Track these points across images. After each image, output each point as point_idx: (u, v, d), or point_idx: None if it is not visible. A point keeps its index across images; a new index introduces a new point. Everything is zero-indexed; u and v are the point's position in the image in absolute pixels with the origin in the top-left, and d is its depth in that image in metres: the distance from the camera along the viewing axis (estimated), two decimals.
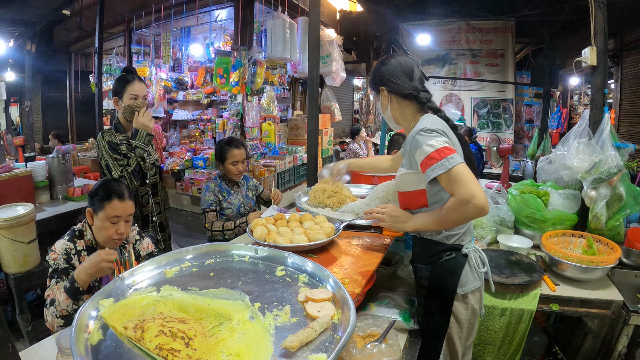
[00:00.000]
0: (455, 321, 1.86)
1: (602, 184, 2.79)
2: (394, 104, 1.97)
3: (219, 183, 3.30)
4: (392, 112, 2.01)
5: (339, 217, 2.22)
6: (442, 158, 1.62)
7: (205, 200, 3.19)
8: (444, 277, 1.83)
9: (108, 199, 2.10)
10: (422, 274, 1.89)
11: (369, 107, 15.23)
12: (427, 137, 1.68)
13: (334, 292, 1.33)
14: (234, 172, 3.24)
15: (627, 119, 7.96)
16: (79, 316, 1.14)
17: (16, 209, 3.03)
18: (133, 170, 2.82)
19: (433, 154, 1.64)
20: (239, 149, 3.24)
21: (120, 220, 2.14)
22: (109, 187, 2.16)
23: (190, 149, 8.21)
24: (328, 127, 8.23)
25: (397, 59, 1.96)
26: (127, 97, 2.87)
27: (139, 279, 1.43)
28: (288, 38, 6.48)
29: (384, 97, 1.99)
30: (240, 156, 3.24)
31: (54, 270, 2.07)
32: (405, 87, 1.91)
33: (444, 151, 1.63)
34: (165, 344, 1.05)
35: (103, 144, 2.80)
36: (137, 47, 7.85)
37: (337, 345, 1.06)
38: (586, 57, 2.93)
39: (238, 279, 1.46)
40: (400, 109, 1.97)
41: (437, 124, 1.77)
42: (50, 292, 2.01)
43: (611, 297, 2.34)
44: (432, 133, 1.69)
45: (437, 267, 1.84)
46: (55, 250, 2.10)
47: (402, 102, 1.95)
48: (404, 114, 1.98)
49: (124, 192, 2.17)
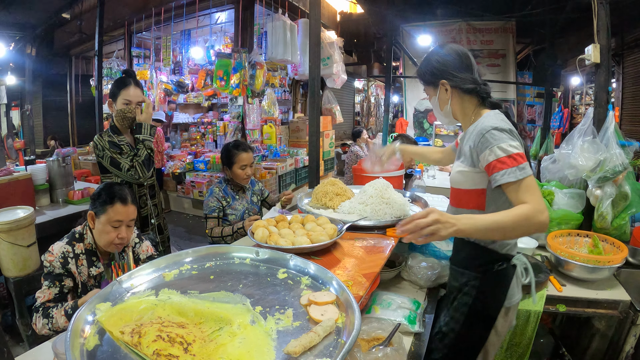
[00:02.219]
0: (495, 333, 1.79)
1: (607, 182, 2.76)
2: (455, 98, 1.83)
3: (224, 187, 3.22)
4: (452, 108, 1.86)
5: (342, 218, 2.19)
6: (514, 166, 1.52)
7: (208, 205, 3.13)
8: (493, 289, 1.76)
9: (110, 202, 2.07)
10: (469, 281, 1.80)
11: (369, 109, 15.25)
12: (500, 138, 1.57)
13: (338, 295, 1.30)
14: (242, 177, 3.16)
15: (630, 118, 7.95)
16: (75, 321, 1.11)
17: (16, 212, 3.01)
18: (143, 160, 2.82)
19: (505, 159, 1.54)
20: (247, 152, 3.17)
21: (122, 225, 2.11)
22: (112, 190, 2.13)
23: (191, 152, 8.20)
24: (329, 129, 8.22)
25: (454, 48, 1.82)
26: (120, 101, 2.87)
27: (137, 282, 1.40)
28: (289, 40, 6.48)
29: (444, 92, 1.83)
30: (249, 160, 3.17)
31: (49, 273, 2.05)
32: (467, 80, 1.77)
33: (517, 158, 1.53)
34: (163, 349, 1.02)
35: (102, 143, 2.79)
36: (137, 50, 7.87)
37: (342, 350, 1.02)
38: (589, 54, 2.91)
39: (239, 282, 1.42)
40: (460, 103, 1.84)
41: (508, 123, 1.66)
42: (42, 294, 2.00)
43: (618, 297, 2.30)
44: (505, 134, 1.58)
45: (488, 277, 1.75)
46: (53, 252, 2.07)
47: (463, 96, 1.81)
48: (464, 109, 1.84)
49: (127, 196, 2.14)
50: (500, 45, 8.21)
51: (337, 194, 2.50)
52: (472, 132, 1.71)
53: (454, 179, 1.84)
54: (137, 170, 2.79)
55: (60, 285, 2.04)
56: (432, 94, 1.90)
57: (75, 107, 10.10)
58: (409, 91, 9.50)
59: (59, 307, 1.95)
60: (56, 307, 1.96)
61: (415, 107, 9.39)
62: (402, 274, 2.42)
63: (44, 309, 1.95)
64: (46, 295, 1.99)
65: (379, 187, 2.35)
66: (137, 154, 2.80)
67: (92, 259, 2.16)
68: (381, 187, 2.35)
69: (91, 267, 2.14)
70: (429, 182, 4.92)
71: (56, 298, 2.02)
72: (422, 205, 2.51)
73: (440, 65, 1.80)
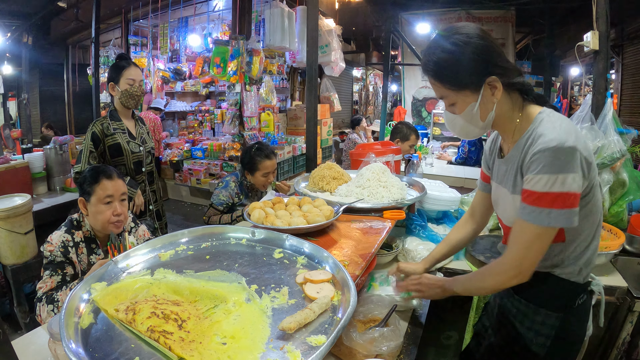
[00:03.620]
0: None
1: (605, 169, 2.75)
2: (502, 99, 1.35)
3: (239, 184, 3.11)
4: (497, 113, 1.37)
5: (339, 200, 2.18)
6: (549, 208, 1.21)
7: (219, 197, 3.03)
8: (574, 327, 1.46)
9: (96, 181, 2.06)
10: (546, 321, 1.44)
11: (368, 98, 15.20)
12: (560, 164, 1.18)
13: (334, 274, 1.30)
14: (264, 184, 3.06)
15: (628, 108, 7.96)
16: (70, 300, 1.11)
17: (13, 199, 3.01)
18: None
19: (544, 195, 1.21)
20: (271, 159, 3.02)
21: (113, 200, 2.08)
22: (95, 170, 2.12)
23: (189, 140, 8.19)
24: (327, 117, 8.20)
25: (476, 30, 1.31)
26: (124, 82, 2.86)
27: (133, 262, 1.40)
28: (287, 27, 6.43)
29: (489, 94, 1.32)
30: (272, 167, 3.04)
31: (50, 262, 2.00)
32: (515, 70, 1.34)
33: (558, 200, 1.20)
34: (157, 325, 1.02)
35: (88, 133, 2.83)
36: (134, 38, 7.82)
37: (337, 326, 1.02)
38: (588, 41, 2.91)
39: (234, 262, 1.42)
40: (509, 104, 1.37)
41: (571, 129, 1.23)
42: (43, 284, 1.94)
43: (615, 283, 2.29)
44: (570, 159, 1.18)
45: (569, 314, 1.43)
46: (52, 242, 2.03)
47: (510, 94, 1.37)
48: (512, 112, 1.38)
49: (112, 172, 2.13)
50: (500, 34, 8.18)
51: (334, 178, 2.49)
52: (526, 145, 1.30)
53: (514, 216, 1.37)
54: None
55: (63, 273, 1.99)
56: (470, 101, 1.34)
57: (73, 97, 10.05)
58: (407, 80, 9.49)
59: (63, 290, 1.92)
60: (60, 290, 1.92)
61: (414, 96, 9.38)
62: (398, 257, 2.42)
63: (48, 297, 1.90)
64: (48, 285, 1.94)
65: (376, 171, 2.34)
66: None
67: (92, 246, 2.14)
68: (379, 170, 2.35)
69: (91, 254, 2.12)
70: (427, 170, 4.91)
71: (59, 286, 1.96)
72: (420, 190, 2.51)
73: (484, 56, 1.29)
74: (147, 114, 6.49)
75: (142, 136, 3.04)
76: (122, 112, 2.94)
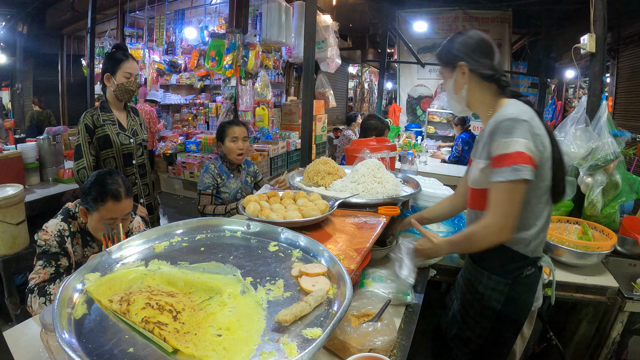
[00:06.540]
0: (521, 338, 1.79)
1: (598, 170, 2.78)
2: (472, 84, 1.73)
3: (219, 165, 3.19)
4: (468, 94, 1.76)
5: (334, 195, 2.18)
6: (508, 165, 1.48)
7: (203, 181, 3.10)
8: (522, 295, 1.71)
9: (102, 200, 1.93)
10: (497, 287, 1.72)
11: (363, 95, 15.21)
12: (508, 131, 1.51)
13: (329, 267, 1.29)
14: (235, 151, 3.12)
15: (622, 113, 8.00)
16: (63, 290, 1.09)
17: (5, 190, 2.98)
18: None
19: (503, 157, 1.50)
20: (239, 126, 3.17)
21: (116, 221, 1.97)
22: (103, 185, 1.95)
23: (182, 133, 8.16)
24: (322, 113, 8.19)
25: (479, 35, 1.74)
26: (120, 75, 2.82)
27: (127, 253, 1.38)
28: (283, 22, 6.42)
29: (461, 74, 1.74)
30: (241, 133, 3.14)
31: (43, 252, 1.95)
32: (487, 66, 1.69)
33: (515, 157, 1.47)
34: (152, 317, 1.01)
35: (81, 125, 2.77)
36: (130, 29, 7.78)
37: (333, 319, 1.02)
38: (585, 44, 2.91)
39: (229, 254, 1.42)
40: (479, 90, 1.74)
41: (528, 113, 1.56)
42: (36, 275, 1.90)
43: (606, 283, 2.32)
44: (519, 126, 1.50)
45: (517, 283, 1.69)
46: (48, 230, 1.97)
47: (481, 83, 1.72)
48: (483, 97, 1.75)
49: (120, 191, 1.97)
50: (497, 34, 8.20)
51: (329, 173, 2.49)
52: (492, 123, 1.62)
53: (475, 178, 1.71)
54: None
55: (57, 264, 1.94)
56: (448, 77, 1.81)
57: (67, 87, 9.98)
58: (403, 77, 9.49)
59: (56, 283, 1.88)
60: (53, 283, 1.88)
61: (409, 94, 9.40)
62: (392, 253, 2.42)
63: (40, 288, 1.85)
64: (41, 276, 1.89)
65: (371, 167, 2.34)
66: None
67: (87, 239, 2.12)
68: (374, 166, 2.35)
69: (86, 247, 2.10)
70: (420, 167, 4.92)
71: (52, 278, 1.91)
72: (414, 186, 2.51)
73: (461, 47, 1.73)
74: (142, 107, 6.45)
75: (134, 128, 2.98)
76: (113, 104, 2.90)
